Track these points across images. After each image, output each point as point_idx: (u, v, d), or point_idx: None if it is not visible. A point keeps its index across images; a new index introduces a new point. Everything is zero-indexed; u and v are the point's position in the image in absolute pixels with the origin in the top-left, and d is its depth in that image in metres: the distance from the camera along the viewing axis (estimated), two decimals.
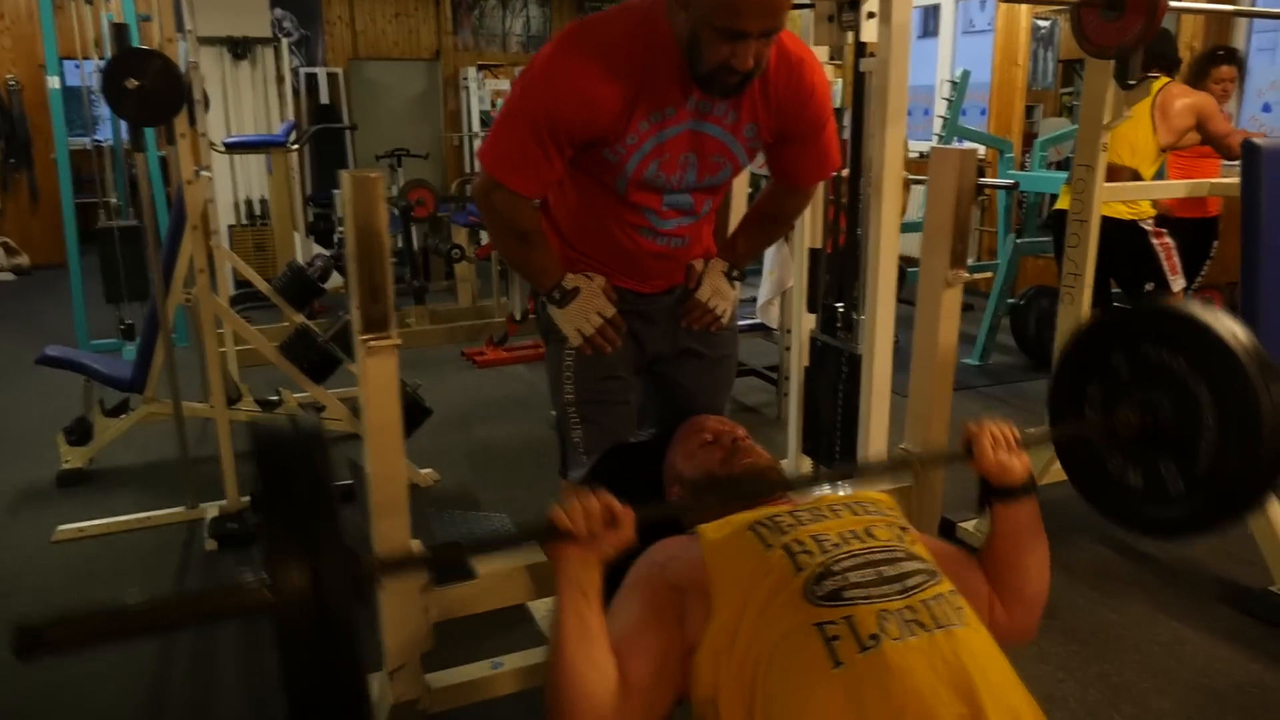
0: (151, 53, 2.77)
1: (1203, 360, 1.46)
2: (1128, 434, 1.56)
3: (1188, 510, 1.50)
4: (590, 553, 1.25)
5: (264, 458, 1.06)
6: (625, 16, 1.60)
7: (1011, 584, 1.46)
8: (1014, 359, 5.02)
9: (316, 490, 1.03)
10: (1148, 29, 2.17)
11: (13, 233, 8.26)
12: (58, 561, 2.93)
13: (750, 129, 1.69)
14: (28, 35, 7.68)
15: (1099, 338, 1.64)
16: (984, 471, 1.47)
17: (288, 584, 0.95)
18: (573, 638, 1.24)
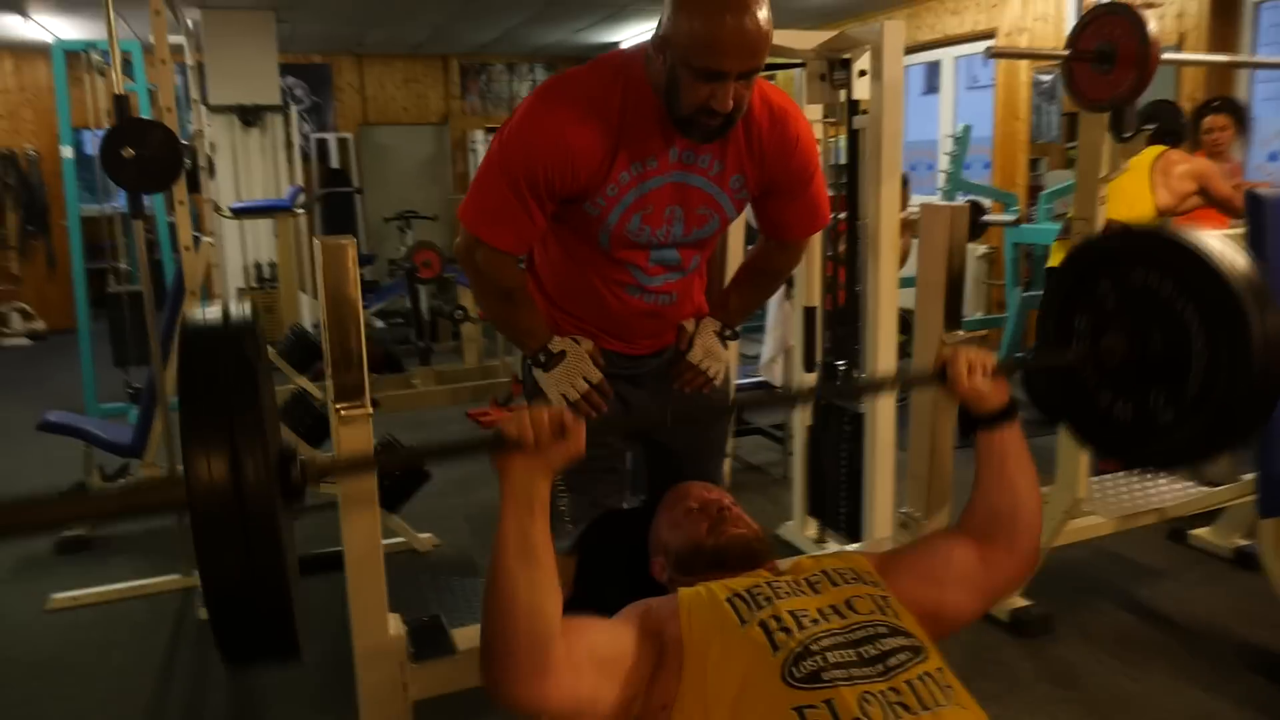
0: (150, 123, 2.80)
1: (1191, 282, 1.41)
2: (1115, 363, 1.51)
3: (1181, 437, 1.45)
4: (537, 462, 1.21)
5: (186, 345, 0.99)
6: (601, 68, 1.59)
7: (1003, 512, 1.42)
8: (1025, 413, 4.92)
9: (239, 377, 0.96)
10: (1140, 82, 2.15)
11: (30, 298, 8.36)
12: (51, 631, 2.88)
13: (736, 180, 1.66)
14: (47, 107, 7.85)
15: (1086, 266, 1.60)
16: (960, 396, 1.44)
17: (201, 474, 0.89)
18: (512, 553, 1.20)
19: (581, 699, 1.21)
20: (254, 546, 0.91)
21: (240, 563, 0.91)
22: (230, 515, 0.89)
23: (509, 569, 1.19)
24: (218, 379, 0.94)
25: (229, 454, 0.90)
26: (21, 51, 8.08)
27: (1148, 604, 2.86)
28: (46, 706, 2.47)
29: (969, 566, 1.41)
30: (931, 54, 7.26)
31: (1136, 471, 3.06)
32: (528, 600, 1.18)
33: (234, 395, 0.94)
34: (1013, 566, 1.43)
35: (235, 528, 0.90)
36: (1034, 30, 6.08)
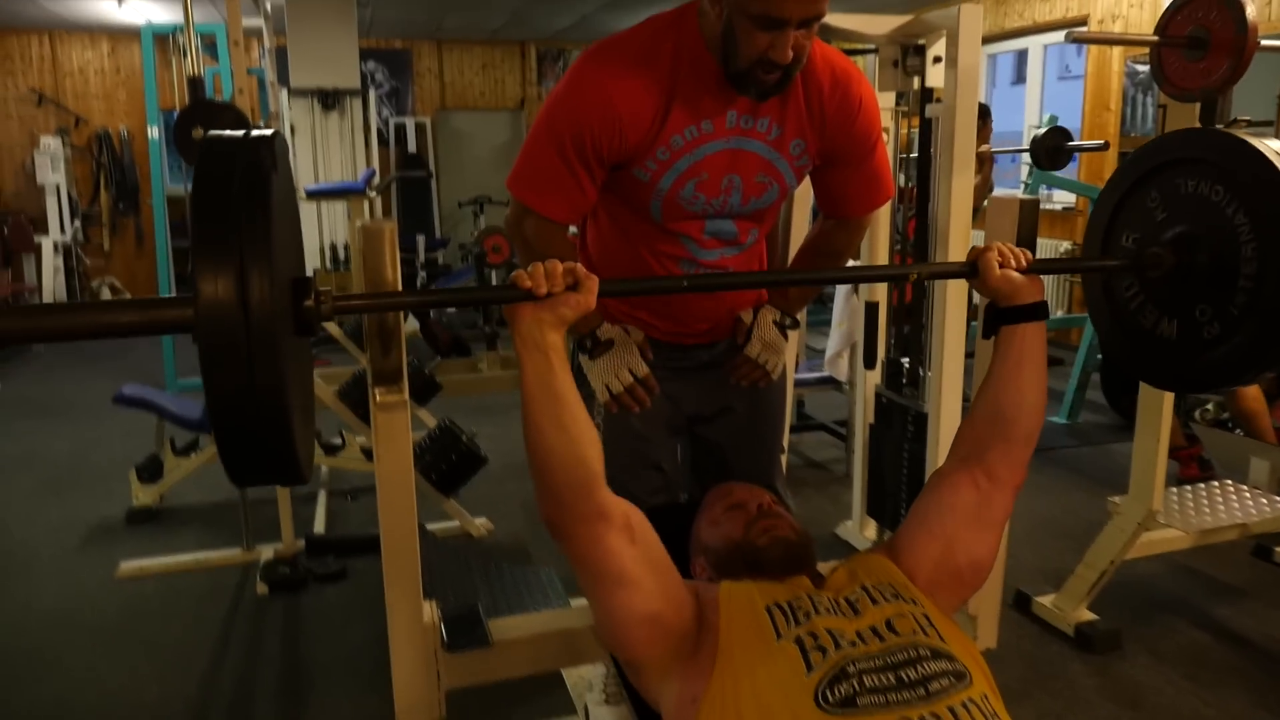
0: (222, 104, 2.85)
1: (1244, 184, 1.36)
2: (1160, 275, 1.47)
3: (1225, 352, 1.40)
4: (546, 312, 1.20)
5: (202, 156, 0.97)
6: (651, 26, 1.53)
7: (1005, 412, 1.38)
8: (1104, 418, 4.74)
9: (252, 194, 0.93)
10: (1235, 71, 2.01)
11: (119, 274, 8.68)
12: (116, 598, 2.98)
13: (797, 145, 1.59)
14: (139, 89, 8.10)
15: (1138, 173, 1.55)
16: (992, 288, 1.38)
17: (207, 289, 0.89)
18: (536, 400, 1.22)
19: (625, 570, 1.24)
20: (257, 365, 0.90)
21: (241, 384, 0.91)
22: (233, 331, 0.89)
23: (538, 420, 1.22)
24: (229, 191, 0.93)
25: (236, 267, 0.89)
26: (118, 34, 8.37)
27: (1225, 623, 2.70)
28: (105, 674, 2.55)
29: (965, 504, 1.36)
30: (1020, 42, 7.01)
31: (1218, 483, 2.90)
32: (562, 447, 1.21)
33: (244, 208, 0.92)
34: (1006, 480, 1.38)
35: (238, 344, 0.89)
36: (1128, 17, 5.81)
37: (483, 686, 1.65)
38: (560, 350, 1.23)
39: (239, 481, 1.04)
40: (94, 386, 5.62)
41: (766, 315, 1.76)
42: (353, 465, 3.70)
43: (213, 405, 0.93)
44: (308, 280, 1.09)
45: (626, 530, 1.25)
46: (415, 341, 5.87)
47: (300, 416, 1.04)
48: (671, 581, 1.28)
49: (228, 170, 0.94)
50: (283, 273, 0.97)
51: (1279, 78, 4.87)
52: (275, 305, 0.91)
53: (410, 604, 1.54)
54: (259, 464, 1.01)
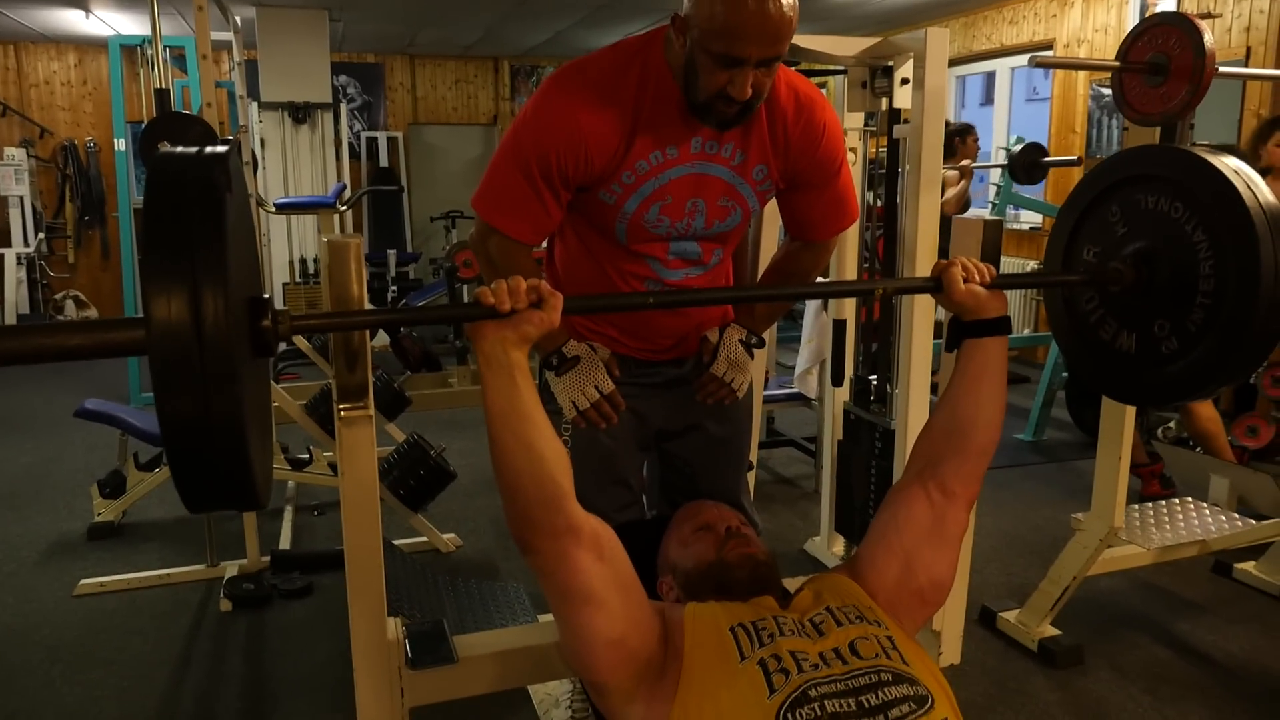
0: (189, 117, 2.83)
1: (1202, 201, 1.39)
2: (1120, 290, 1.49)
3: (1182, 367, 1.43)
4: (510, 329, 1.20)
5: (152, 175, 0.93)
6: (618, 51, 1.55)
7: (961, 425, 1.40)
8: (1069, 435, 4.80)
9: (205, 209, 0.90)
10: (1193, 96, 2.06)
11: (84, 287, 8.55)
12: (75, 615, 2.92)
13: (760, 171, 1.61)
14: (106, 101, 8.02)
15: (1097, 190, 1.58)
16: (956, 302, 1.41)
17: (160, 311, 0.86)
18: (500, 419, 1.22)
19: (592, 589, 1.24)
20: (211, 392, 0.88)
21: (197, 405, 0.88)
22: (187, 354, 0.87)
23: (503, 440, 1.22)
24: (181, 210, 0.90)
25: (189, 290, 0.86)
26: (84, 46, 8.28)
27: (1185, 639, 2.74)
28: (64, 691, 2.50)
29: (920, 522, 1.38)
30: (988, 64, 7.12)
31: (1179, 500, 2.94)
32: (528, 466, 1.22)
33: (197, 228, 0.89)
34: (962, 491, 1.39)
35: (193, 367, 0.87)
36: (1094, 41, 5.93)
37: (448, 704, 1.64)
38: (524, 368, 1.23)
39: (194, 508, 1.01)
40: (56, 400, 5.54)
41: (733, 334, 1.78)
42: (319, 480, 3.66)
43: (166, 430, 0.90)
44: (264, 300, 1.07)
45: (595, 547, 1.25)
46: (385, 355, 5.84)
47: (258, 440, 1.03)
48: (638, 604, 1.28)
49: (179, 188, 0.92)
50: (238, 293, 0.95)
51: (1238, 104, 5.00)
52: (230, 326, 0.89)
53: (373, 621, 1.52)
54: (215, 490, 0.98)
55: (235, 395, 0.90)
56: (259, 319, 1.05)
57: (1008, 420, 4.09)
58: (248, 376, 0.98)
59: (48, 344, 0.92)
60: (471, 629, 2.51)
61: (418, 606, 2.41)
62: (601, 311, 1.70)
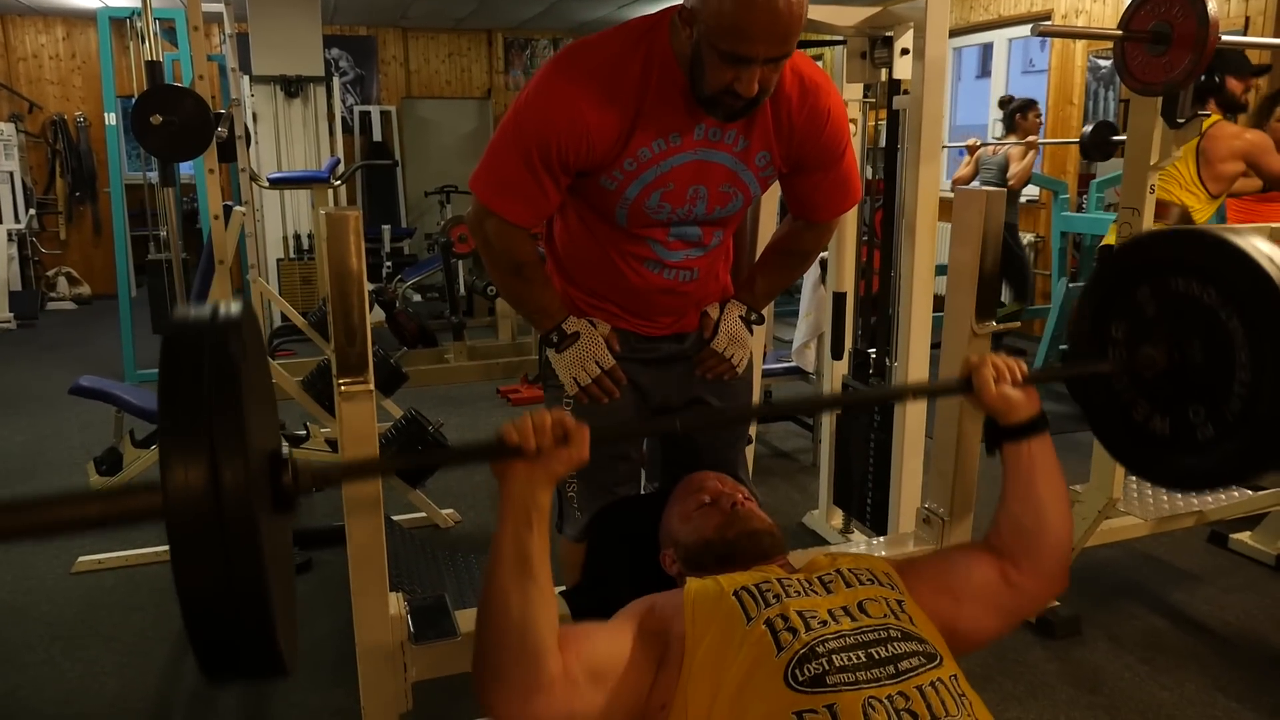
0: (181, 90, 2.79)
1: (1236, 289, 1.31)
2: (1153, 375, 1.42)
3: (1218, 457, 1.35)
4: (539, 470, 1.16)
5: (167, 343, 0.92)
6: (624, 34, 1.52)
7: (1028, 529, 1.35)
8: (1067, 408, 4.79)
9: (221, 380, 0.89)
10: (1196, 65, 2.04)
11: (76, 263, 8.51)
12: (74, 592, 2.92)
13: (762, 157, 1.59)
14: (95, 74, 7.95)
15: (1123, 271, 1.49)
16: (986, 405, 1.37)
17: (177, 482, 0.83)
18: (508, 565, 1.15)
19: (575, 714, 1.16)
20: (233, 559, 0.85)
21: (217, 576, 0.85)
22: (206, 526, 0.83)
23: (503, 585, 1.15)
24: (198, 380, 0.88)
25: (207, 461, 0.84)
26: (73, 19, 8.18)
27: (1182, 609, 2.76)
28: (64, 667, 2.50)
29: (989, 584, 1.34)
30: (985, 36, 7.07)
31: None
32: (521, 617, 1.13)
33: (214, 399, 0.87)
34: (1036, 588, 1.35)
35: (212, 539, 0.84)
36: (1092, 12, 5.89)
37: (448, 678, 1.64)
38: (545, 512, 1.19)
39: (215, 679, 0.96)
40: (51, 377, 5.51)
41: (733, 310, 1.78)
42: (317, 457, 3.65)
43: (185, 602, 0.86)
44: (284, 457, 1.04)
45: (566, 683, 1.16)
46: (381, 332, 5.81)
47: (282, 605, 0.99)
48: (625, 674, 1.20)
49: (195, 356, 0.90)
50: (258, 453, 0.93)
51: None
52: (250, 490, 0.86)
53: (376, 596, 1.52)
54: (239, 662, 0.94)
55: (258, 562, 0.87)
56: (279, 475, 1.02)
57: None
58: (269, 538, 0.94)
59: (66, 515, 0.89)
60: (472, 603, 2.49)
61: (418, 582, 2.41)
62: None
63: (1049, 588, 1.37)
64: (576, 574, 1.77)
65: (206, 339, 0.92)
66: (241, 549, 0.85)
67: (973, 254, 1.72)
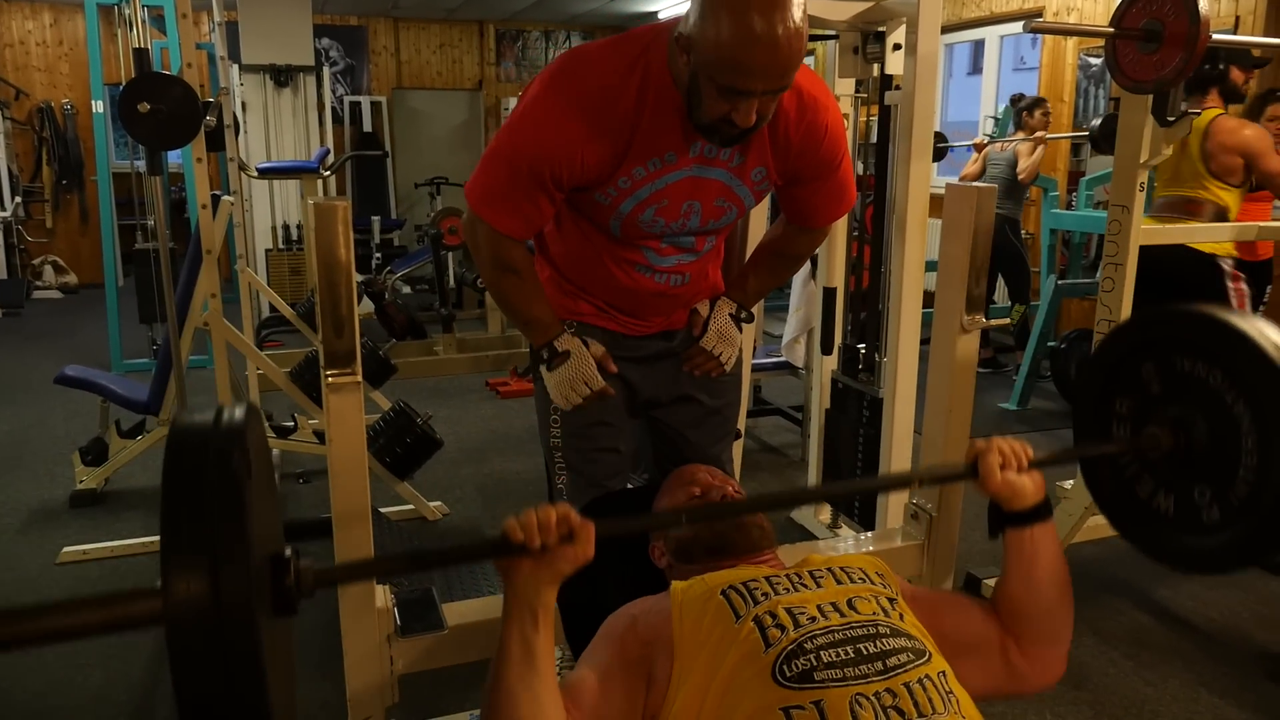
0: (169, 78, 2.77)
1: (1243, 375, 1.28)
2: (1158, 455, 1.39)
3: (1223, 541, 1.32)
4: (544, 569, 1.13)
5: (171, 449, 0.93)
6: (621, 53, 1.49)
7: (1031, 617, 1.32)
8: (1054, 405, 4.83)
9: (223, 487, 0.89)
10: (1187, 64, 2.04)
11: (62, 252, 8.45)
12: (59, 584, 2.90)
13: (758, 172, 1.59)
14: (83, 62, 7.87)
15: (1129, 346, 1.47)
16: (991, 492, 1.34)
17: (178, 589, 0.83)
18: (515, 664, 1.14)
19: None
20: (233, 668, 0.85)
21: (217, 684, 0.85)
22: (206, 635, 0.83)
23: (510, 686, 1.14)
24: (200, 489, 0.88)
25: (208, 570, 0.84)
26: (60, 5, 8.11)
27: (1166, 605, 2.78)
28: (47, 659, 2.48)
29: (987, 644, 1.32)
30: (977, 32, 7.07)
31: None
32: (529, 711, 1.13)
33: (217, 509, 0.88)
34: (1032, 674, 1.33)
35: (212, 648, 0.84)
36: (1083, 10, 5.89)
37: (435, 671, 1.64)
38: (550, 609, 1.17)
39: None
40: (37, 367, 5.48)
41: (723, 308, 1.78)
42: (305, 448, 3.64)
43: (183, 708, 0.86)
44: (286, 559, 1.03)
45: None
46: (370, 323, 5.79)
47: (282, 707, 0.98)
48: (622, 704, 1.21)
49: (198, 463, 0.90)
50: (260, 558, 0.93)
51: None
52: (251, 598, 0.86)
53: (363, 588, 1.51)
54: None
55: (258, 670, 0.86)
56: (282, 577, 1.01)
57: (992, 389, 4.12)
58: (270, 641, 0.94)
59: (65, 624, 0.88)
60: (459, 597, 2.49)
61: (405, 575, 2.40)
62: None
63: (1044, 676, 1.34)
64: None
65: (211, 446, 0.92)
66: (241, 658, 0.85)
67: (963, 250, 1.72)
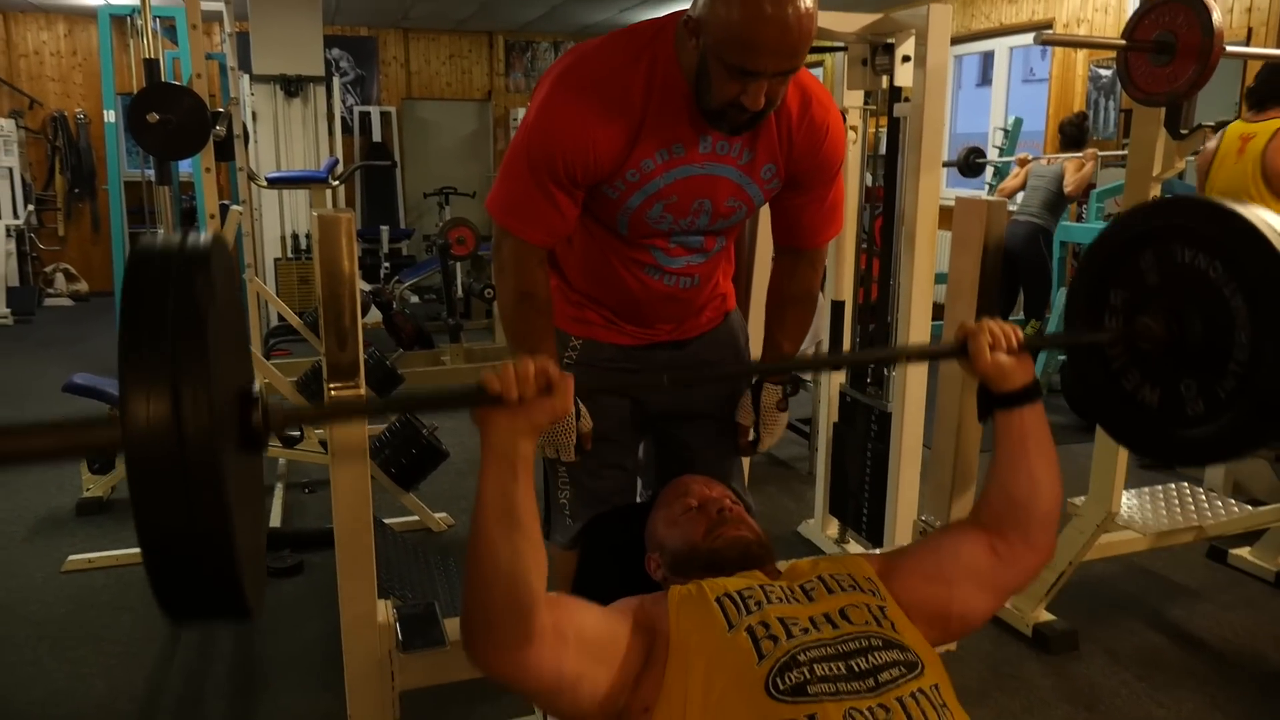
0: (179, 88, 2.77)
1: (1244, 268, 1.28)
2: (1149, 346, 1.41)
3: (1207, 433, 1.35)
4: (520, 420, 1.13)
5: (131, 269, 0.88)
6: (627, 43, 1.49)
7: (1019, 500, 1.34)
8: (1064, 419, 4.78)
9: (184, 307, 0.84)
10: (1200, 76, 2.02)
11: (74, 260, 8.49)
12: (63, 592, 2.90)
13: (768, 170, 1.57)
14: (96, 72, 7.93)
15: (1130, 235, 1.48)
16: (981, 373, 1.35)
17: (138, 416, 0.79)
18: (494, 516, 1.14)
19: (564, 675, 1.17)
20: (195, 498, 0.81)
21: (180, 515, 0.81)
22: (168, 462, 0.80)
23: (490, 535, 1.14)
24: (162, 309, 0.84)
25: (169, 395, 0.80)
26: (74, 16, 8.17)
27: (1180, 625, 2.74)
28: (51, 667, 2.48)
29: (979, 561, 1.33)
30: (985, 44, 7.06)
31: (1175, 486, 2.93)
32: (509, 568, 1.13)
33: (179, 328, 0.83)
34: (1026, 559, 1.35)
35: (175, 476, 0.80)
36: (1094, 21, 5.88)
37: (436, 686, 1.62)
38: (529, 461, 1.17)
39: (177, 620, 0.94)
40: (47, 374, 5.48)
41: (770, 400, 1.72)
42: (310, 458, 3.63)
43: (145, 540, 0.83)
44: (254, 395, 1.00)
45: (556, 637, 1.16)
46: (378, 333, 5.79)
47: (248, 545, 0.95)
48: (615, 649, 1.21)
49: (160, 278, 0.86)
50: (226, 386, 0.89)
51: (1238, 84, 4.95)
52: (215, 424, 0.82)
53: (364, 603, 1.50)
54: (200, 604, 0.91)
55: (222, 502, 0.83)
56: (248, 413, 0.98)
57: None
58: (237, 476, 0.91)
59: (21, 446, 0.87)
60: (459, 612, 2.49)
61: (409, 587, 2.39)
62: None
63: (1037, 558, 1.36)
64: (567, 584, 1.75)
65: (173, 266, 0.88)
66: (205, 489, 0.82)
67: (973, 263, 1.71)
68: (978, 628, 1.36)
